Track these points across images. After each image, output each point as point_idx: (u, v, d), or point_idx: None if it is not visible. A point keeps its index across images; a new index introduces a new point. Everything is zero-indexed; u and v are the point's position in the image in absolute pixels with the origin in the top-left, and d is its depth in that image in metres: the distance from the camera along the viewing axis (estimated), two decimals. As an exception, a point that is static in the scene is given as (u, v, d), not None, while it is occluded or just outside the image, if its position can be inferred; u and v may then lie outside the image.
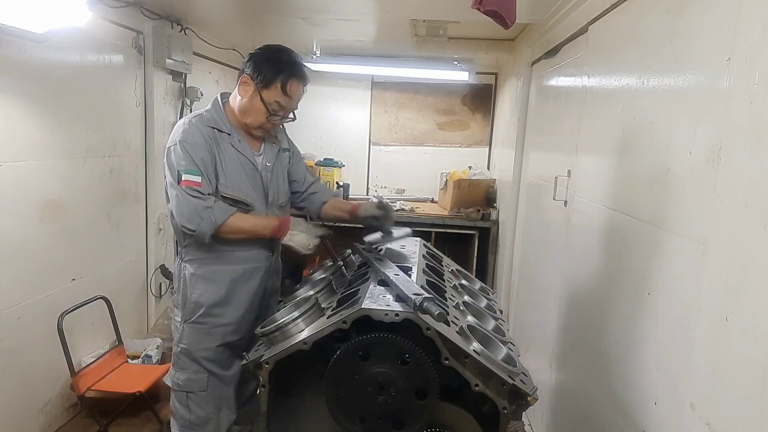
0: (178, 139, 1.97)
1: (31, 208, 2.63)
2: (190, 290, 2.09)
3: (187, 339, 2.10)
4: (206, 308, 2.09)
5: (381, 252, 2.06)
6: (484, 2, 1.66)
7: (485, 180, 4.60)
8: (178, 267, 2.15)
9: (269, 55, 2.08)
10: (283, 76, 2.06)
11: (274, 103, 2.08)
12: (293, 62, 2.10)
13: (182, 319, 2.11)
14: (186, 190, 1.92)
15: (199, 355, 2.10)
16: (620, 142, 1.88)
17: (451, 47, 3.87)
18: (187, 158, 1.94)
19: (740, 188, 1.13)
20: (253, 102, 2.07)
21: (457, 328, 1.47)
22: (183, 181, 1.92)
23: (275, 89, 2.06)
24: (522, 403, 1.43)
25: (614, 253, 1.91)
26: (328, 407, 1.43)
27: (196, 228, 1.93)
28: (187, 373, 2.11)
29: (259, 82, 2.05)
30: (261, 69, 2.05)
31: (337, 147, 5.16)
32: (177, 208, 1.95)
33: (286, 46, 2.14)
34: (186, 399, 2.11)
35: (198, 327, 2.10)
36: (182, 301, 2.10)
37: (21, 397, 2.67)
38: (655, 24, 1.68)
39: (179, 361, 2.12)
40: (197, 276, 2.09)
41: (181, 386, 2.11)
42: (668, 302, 1.49)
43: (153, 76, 3.49)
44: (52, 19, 2.31)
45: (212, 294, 2.09)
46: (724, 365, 1.17)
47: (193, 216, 1.92)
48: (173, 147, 1.98)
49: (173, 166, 1.96)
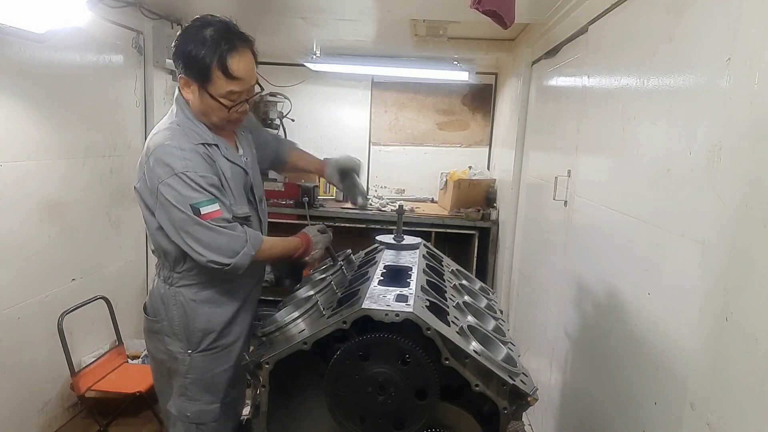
0: (179, 170, 1.67)
1: (31, 208, 2.63)
2: (193, 318, 1.87)
3: (199, 368, 1.90)
4: (218, 332, 1.91)
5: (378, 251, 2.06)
6: (483, 2, 1.66)
7: (485, 180, 4.60)
8: (164, 294, 1.89)
9: (191, 40, 1.68)
10: (213, 61, 1.67)
11: (225, 94, 1.73)
12: (217, 40, 1.67)
13: (188, 349, 1.88)
14: (212, 223, 1.68)
15: (215, 381, 1.93)
16: (620, 142, 1.88)
17: (451, 47, 3.87)
18: (197, 189, 1.68)
19: (740, 188, 1.13)
20: (204, 101, 1.75)
21: (457, 328, 1.47)
22: (204, 215, 1.67)
23: (216, 80, 1.70)
24: (522, 403, 1.43)
25: (614, 253, 1.91)
26: (328, 407, 1.43)
27: (233, 262, 1.71)
28: (199, 404, 1.92)
29: (196, 78, 1.72)
30: (189, 65, 1.70)
31: (337, 147, 5.15)
32: (205, 244, 1.69)
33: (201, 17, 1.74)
34: (195, 430, 1.94)
35: (210, 353, 1.91)
36: (183, 330, 1.88)
37: (21, 397, 2.67)
38: (655, 24, 1.68)
39: (188, 392, 1.91)
40: (198, 302, 1.87)
41: (190, 418, 1.92)
42: (668, 302, 1.49)
43: (153, 76, 3.49)
44: (52, 19, 2.31)
45: (220, 317, 1.91)
46: (724, 365, 1.17)
47: (228, 251, 1.70)
48: (171, 180, 1.67)
49: (182, 201, 1.67)
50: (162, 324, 1.91)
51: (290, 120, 4.71)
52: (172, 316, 1.88)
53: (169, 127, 1.79)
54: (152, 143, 1.75)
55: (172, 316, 1.88)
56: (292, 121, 4.72)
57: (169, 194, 1.69)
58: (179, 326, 1.88)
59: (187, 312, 1.87)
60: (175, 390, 1.95)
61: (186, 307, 1.87)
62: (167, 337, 1.90)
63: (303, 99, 4.88)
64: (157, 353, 1.98)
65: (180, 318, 1.87)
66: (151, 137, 1.79)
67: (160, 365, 2.00)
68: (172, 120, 1.81)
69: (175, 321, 1.88)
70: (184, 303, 1.87)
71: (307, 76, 4.85)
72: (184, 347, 1.88)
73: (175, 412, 1.95)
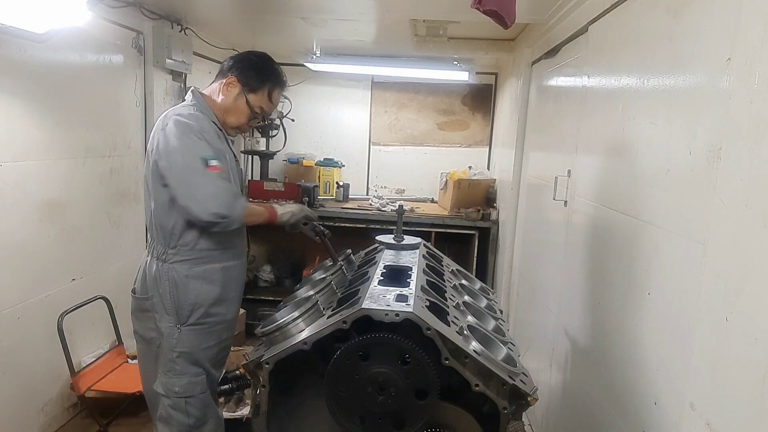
0: (196, 128, 1.93)
1: (31, 208, 2.63)
2: (184, 292, 2.02)
3: (187, 342, 2.04)
4: (206, 308, 2.05)
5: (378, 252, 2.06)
6: (484, 2, 1.66)
7: (485, 180, 4.60)
8: (157, 271, 2.04)
9: (257, 62, 2.16)
10: (270, 84, 2.15)
11: (257, 107, 2.15)
12: (279, 72, 2.20)
13: (177, 323, 2.03)
14: (217, 176, 1.90)
15: (201, 356, 2.06)
16: (620, 142, 1.88)
17: (451, 47, 3.87)
18: (207, 146, 1.93)
19: (740, 188, 1.13)
20: (238, 103, 2.12)
21: (457, 328, 1.47)
22: (211, 166, 1.89)
23: (262, 95, 2.15)
24: (522, 403, 1.43)
25: (614, 253, 1.91)
26: (328, 407, 1.43)
27: (230, 213, 1.90)
28: (187, 377, 2.05)
29: (246, 85, 2.11)
30: (250, 74, 2.11)
31: (337, 147, 5.15)
32: (208, 194, 1.88)
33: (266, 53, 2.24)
34: (185, 405, 2.05)
35: (198, 328, 2.05)
36: (173, 304, 2.03)
37: (21, 397, 2.67)
38: (655, 24, 1.68)
39: (176, 366, 2.04)
40: (190, 277, 2.03)
41: (178, 392, 2.04)
42: (668, 302, 1.49)
43: (153, 76, 3.49)
44: (52, 19, 2.31)
45: (209, 293, 2.05)
46: (724, 365, 1.17)
47: (227, 200, 1.91)
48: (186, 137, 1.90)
49: (191, 153, 1.89)
50: (152, 301, 2.07)
51: (290, 120, 4.71)
52: (164, 290, 2.03)
53: (188, 105, 2.06)
54: (171, 112, 2.00)
55: (164, 290, 2.03)
56: (292, 121, 4.72)
57: (183, 146, 1.90)
58: (170, 301, 2.03)
59: (179, 287, 2.02)
60: (162, 369, 2.08)
61: (178, 282, 2.03)
62: (157, 314, 2.06)
63: (303, 99, 4.88)
64: (145, 332, 2.14)
65: (171, 292, 2.03)
66: (169, 111, 2.03)
67: (148, 345, 2.16)
68: (188, 104, 2.07)
69: (166, 296, 2.03)
70: (176, 278, 2.03)
71: (307, 76, 4.85)
72: (173, 321, 2.04)
73: (163, 390, 2.06)
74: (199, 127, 1.96)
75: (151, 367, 2.16)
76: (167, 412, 2.07)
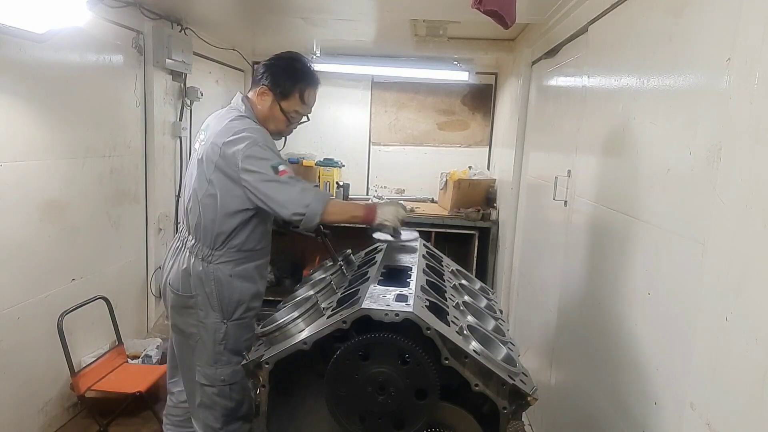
0: (260, 142, 2.02)
1: (31, 208, 2.63)
2: (229, 291, 2.16)
3: (233, 335, 2.18)
4: (247, 303, 2.21)
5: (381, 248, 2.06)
6: (484, 2, 1.67)
7: (485, 180, 4.60)
8: (202, 272, 2.14)
9: (285, 66, 2.20)
10: (300, 86, 2.20)
11: (293, 111, 2.23)
12: (308, 71, 2.23)
13: (223, 318, 2.17)
14: (288, 178, 2.00)
15: (242, 347, 2.20)
16: (620, 142, 1.88)
17: (451, 47, 3.87)
18: (275, 155, 2.04)
19: (740, 188, 1.13)
20: (273, 111, 2.21)
21: (456, 327, 1.47)
22: (281, 171, 1.99)
23: (294, 99, 2.21)
24: (522, 403, 1.43)
25: (614, 253, 1.91)
26: (328, 407, 1.43)
27: (306, 210, 1.98)
28: (231, 366, 2.18)
29: (278, 93, 2.18)
30: (279, 81, 2.17)
31: (337, 147, 5.15)
32: (285, 197, 1.99)
33: (296, 52, 2.26)
34: (229, 391, 2.20)
35: (241, 322, 2.21)
36: (219, 302, 2.15)
37: (21, 397, 2.67)
38: (655, 24, 1.68)
39: (223, 357, 2.18)
40: (234, 276, 2.17)
41: (224, 381, 2.18)
42: (668, 302, 1.49)
43: (153, 76, 3.49)
44: (52, 19, 2.31)
45: (249, 290, 2.21)
46: (724, 365, 1.17)
47: (301, 199, 1.99)
48: (252, 148, 2.00)
49: (261, 164, 1.99)
50: (197, 299, 2.15)
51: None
52: (211, 290, 2.14)
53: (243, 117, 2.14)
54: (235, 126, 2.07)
55: (210, 290, 2.14)
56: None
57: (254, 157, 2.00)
58: (216, 299, 2.15)
59: (224, 286, 2.15)
60: (205, 361, 2.18)
61: (223, 282, 2.15)
62: (201, 311, 2.16)
63: (303, 99, 4.87)
64: (187, 327, 2.20)
65: (218, 292, 2.15)
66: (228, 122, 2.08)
67: (186, 340, 2.22)
68: (241, 114, 2.15)
69: (213, 295, 2.15)
70: (222, 278, 2.15)
71: (307, 76, 4.85)
72: (219, 317, 2.16)
73: (206, 380, 2.18)
74: (267, 139, 2.07)
75: (188, 360, 2.24)
76: (211, 399, 2.19)
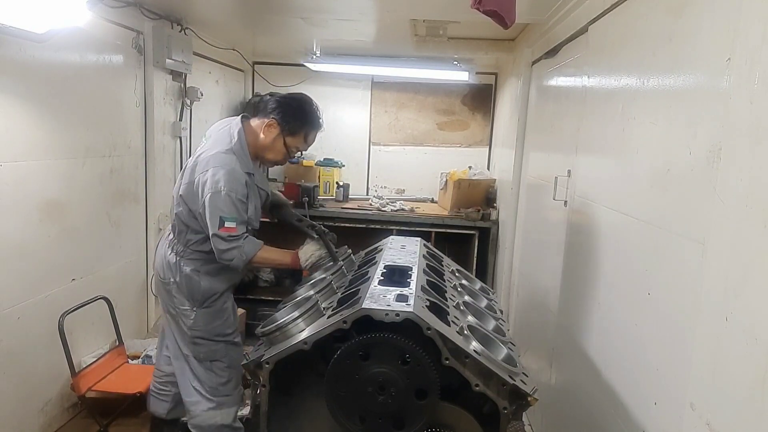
0: (226, 190, 2.20)
1: (31, 208, 2.63)
2: (197, 284, 2.38)
3: (203, 321, 2.39)
4: (216, 295, 2.42)
5: None
6: (484, 2, 1.67)
7: (485, 180, 4.60)
8: (174, 263, 2.39)
9: (296, 107, 2.40)
10: (307, 128, 2.41)
11: (294, 147, 2.43)
12: (317, 117, 2.44)
13: (193, 306, 2.39)
14: (223, 236, 2.22)
15: (215, 331, 2.42)
16: (620, 142, 1.88)
17: (451, 47, 3.87)
18: (232, 208, 2.21)
19: (740, 188, 1.13)
20: (276, 144, 2.38)
21: (457, 328, 1.47)
22: (223, 227, 2.21)
23: (299, 137, 2.40)
24: (522, 403, 1.43)
25: (614, 253, 1.91)
26: (329, 407, 1.43)
27: (230, 263, 2.27)
28: (206, 346, 2.42)
29: (286, 129, 2.36)
30: (289, 119, 2.35)
31: (337, 147, 5.15)
32: (215, 245, 2.24)
33: (308, 96, 2.46)
34: (211, 365, 2.43)
35: (209, 310, 2.41)
36: (189, 292, 2.38)
37: (21, 397, 2.67)
38: (655, 24, 1.68)
39: (196, 339, 2.40)
40: (201, 273, 2.38)
41: (203, 357, 2.41)
42: (668, 302, 1.49)
43: (153, 76, 3.48)
44: (52, 19, 2.31)
45: (217, 285, 2.42)
46: (724, 365, 1.17)
47: (227, 255, 2.24)
48: (220, 194, 2.20)
49: (216, 210, 2.20)
50: (171, 286, 2.40)
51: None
52: (181, 281, 2.39)
53: (229, 151, 2.29)
54: (215, 160, 2.24)
55: (180, 281, 2.39)
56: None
57: (211, 200, 2.21)
58: (186, 289, 2.39)
59: (192, 280, 2.38)
60: (181, 338, 2.44)
61: (192, 277, 2.38)
62: (176, 297, 2.40)
63: (303, 99, 4.87)
64: (168, 308, 2.45)
65: (186, 283, 2.39)
66: (215, 154, 2.26)
67: (174, 318, 2.45)
68: (230, 147, 2.30)
69: (182, 285, 2.39)
70: (189, 273, 2.38)
71: (307, 76, 4.85)
72: (190, 305, 2.40)
73: (190, 353, 2.42)
74: (238, 188, 2.23)
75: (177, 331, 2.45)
76: (196, 374, 2.44)
